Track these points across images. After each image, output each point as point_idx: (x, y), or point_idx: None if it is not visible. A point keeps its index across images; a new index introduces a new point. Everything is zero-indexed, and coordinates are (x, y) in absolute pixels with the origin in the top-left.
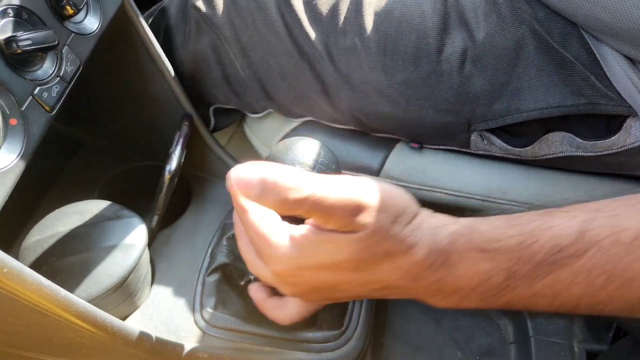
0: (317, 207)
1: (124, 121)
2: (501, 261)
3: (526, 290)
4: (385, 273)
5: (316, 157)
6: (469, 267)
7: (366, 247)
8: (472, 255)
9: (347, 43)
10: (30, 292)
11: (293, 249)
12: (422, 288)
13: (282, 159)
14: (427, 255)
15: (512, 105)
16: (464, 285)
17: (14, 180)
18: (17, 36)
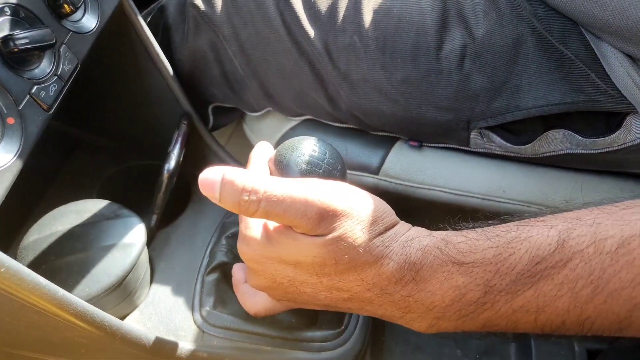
0: (271, 210)
1: (123, 120)
2: (477, 275)
3: (507, 305)
4: (350, 283)
5: (322, 157)
6: (442, 282)
7: (329, 252)
8: (445, 269)
9: (346, 41)
10: (28, 291)
11: (262, 236)
12: (391, 304)
13: (288, 159)
14: (396, 270)
15: (512, 102)
16: (437, 302)
17: (11, 179)
18: (15, 35)
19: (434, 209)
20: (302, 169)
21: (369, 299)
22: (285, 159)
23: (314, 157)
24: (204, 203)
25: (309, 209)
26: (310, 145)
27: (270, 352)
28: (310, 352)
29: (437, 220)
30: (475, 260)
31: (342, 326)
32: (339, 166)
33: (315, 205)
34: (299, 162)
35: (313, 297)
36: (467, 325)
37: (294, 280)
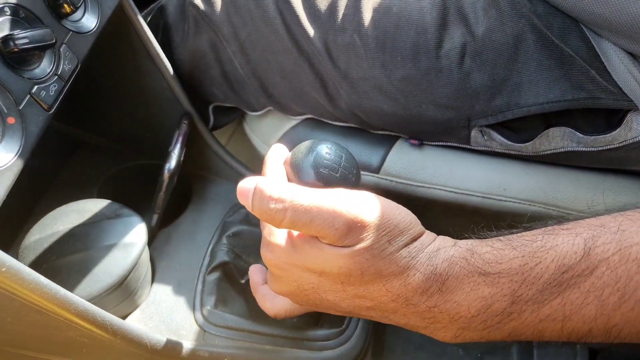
0: (298, 219)
1: (123, 120)
2: (504, 285)
3: (533, 315)
4: (375, 293)
5: (339, 161)
6: (469, 292)
7: (356, 263)
8: (471, 279)
9: (346, 40)
10: (29, 291)
11: (287, 244)
12: (415, 314)
13: (303, 162)
14: (422, 281)
15: (512, 100)
16: (463, 313)
17: (12, 178)
18: (15, 35)
19: (435, 208)
20: (318, 172)
21: (393, 309)
22: (300, 163)
23: (331, 161)
24: (205, 202)
25: (337, 220)
26: (326, 149)
27: (271, 351)
28: (311, 351)
29: (438, 219)
30: (502, 270)
31: (343, 325)
32: (354, 170)
33: (343, 217)
34: (316, 166)
35: (336, 304)
36: (492, 335)
37: (318, 288)
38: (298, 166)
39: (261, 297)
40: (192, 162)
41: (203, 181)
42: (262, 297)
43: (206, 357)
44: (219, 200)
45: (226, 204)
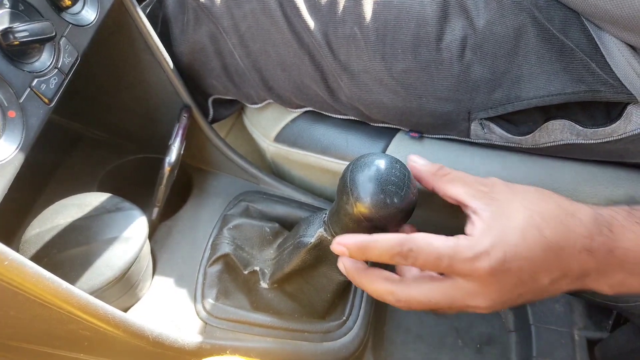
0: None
1: (123, 113)
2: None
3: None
4: (566, 246)
5: (405, 180)
6: (634, 239)
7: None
8: (635, 227)
9: (346, 32)
10: (32, 284)
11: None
12: (593, 268)
13: (374, 177)
14: (592, 219)
15: (513, 93)
16: (630, 259)
17: (13, 172)
18: (14, 28)
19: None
20: (385, 190)
21: (579, 263)
22: (370, 176)
23: (397, 178)
24: (205, 195)
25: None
26: (392, 166)
27: (272, 343)
28: (312, 343)
29: (438, 212)
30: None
31: (344, 317)
32: (415, 190)
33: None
34: (386, 183)
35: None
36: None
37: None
38: (365, 178)
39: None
40: (192, 155)
41: (203, 174)
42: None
43: (208, 349)
44: (219, 193)
45: (226, 197)
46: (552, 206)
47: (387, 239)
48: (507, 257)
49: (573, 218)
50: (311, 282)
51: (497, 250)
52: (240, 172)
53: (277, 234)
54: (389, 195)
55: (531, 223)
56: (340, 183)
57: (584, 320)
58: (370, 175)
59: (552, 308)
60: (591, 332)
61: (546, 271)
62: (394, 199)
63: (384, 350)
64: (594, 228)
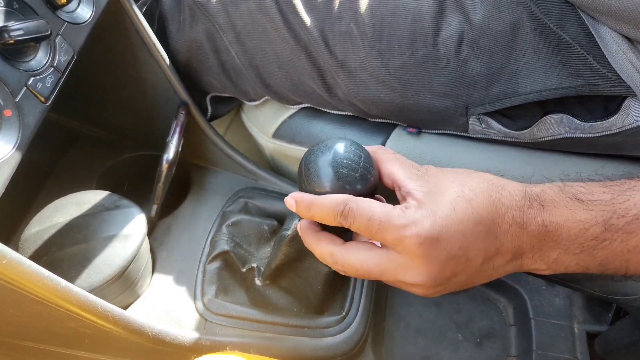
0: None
1: (120, 111)
2: (597, 213)
3: (623, 245)
4: (497, 219)
5: (358, 160)
6: (568, 215)
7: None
8: (567, 203)
9: (343, 28)
10: (30, 283)
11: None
12: (527, 243)
13: (326, 162)
14: (521, 192)
15: (510, 88)
16: (564, 235)
17: (10, 171)
18: (9, 26)
19: None
20: (338, 172)
21: (511, 237)
22: (318, 162)
23: (351, 160)
24: (204, 192)
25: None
26: (345, 148)
27: (272, 339)
28: (312, 339)
29: None
30: (594, 199)
31: (343, 312)
32: (372, 169)
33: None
34: (337, 166)
35: (475, 260)
36: (586, 261)
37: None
38: (315, 166)
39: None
40: (191, 152)
41: (202, 171)
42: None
43: (208, 345)
44: (218, 190)
45: (225, 193)
46: (481, 181)
47: (332, 197)
48: (435, 228)
49: (502, 190)
50: (302, 276)
51: (426, 220)
52: (238, 169)
53: (275, 231)
54: (342, 178)
55: (461, 196)
56: (298, 171)
57: (584, 314)
58: (324, 160)
59: (551, 302)
60: (591, 325)
61: (478, 247)
62: (349, 181)
63: (383, 345)
64: (524, 201)
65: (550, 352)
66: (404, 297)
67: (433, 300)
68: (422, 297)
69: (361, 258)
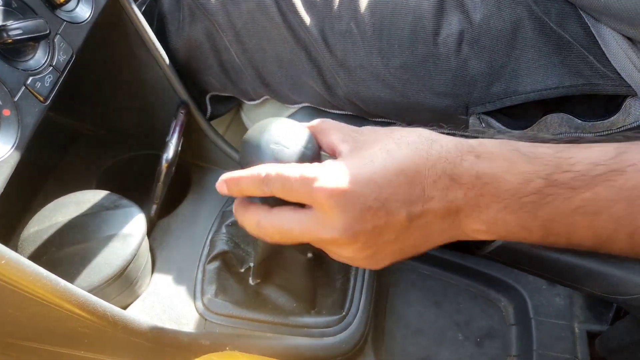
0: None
1: (120, 110)
2: (539, 165)
3: (566, 203)
4: (422, 170)
5: (292, 137)
6: (507, 167)
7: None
8: (508, 155)
9: (343, 27)
10: (29, 283)
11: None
12: (461, 198)
13: (258, 141)
14: (455, 145)
15: (510, 87)
16: (503, 189)
17: (9, 171)
18: (8, 26)
19: None
20: (268, 148)
21: (441, 190)
22: (254, 142)
23: (283, 138)
24: (204, 192)
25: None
26: (279, 126)
27: (272, 339)
28: (312, 338)
29: None
30: (537, 153)
31: (343, 312)
32: (309, 144)
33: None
34: (268, 144)
35: (398, 215)
36: (527, 221)
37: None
38: (252, 144)
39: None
40: (190, 151)
41: (201, 171)
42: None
43: (207, 345)
44: None
45: None
46: (410, 134)
47: (253, 168)
48: (345, 178)
49: (433, 143)
50: (287, 269)
51: (336, 171)
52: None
53: None
54: (274, 154)
55: (383, 148)
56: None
57: (584, 313)
58: (256, 138)
59: (552, 301)
60: (591, 324)
61: (398, 199)
62: (281, 156)
63: (383, 345)
64: (456, 152)
65: (550, 352)
66: (405, 297)
67: (433, 300)
68: (422, 297)
69: (284, 219)
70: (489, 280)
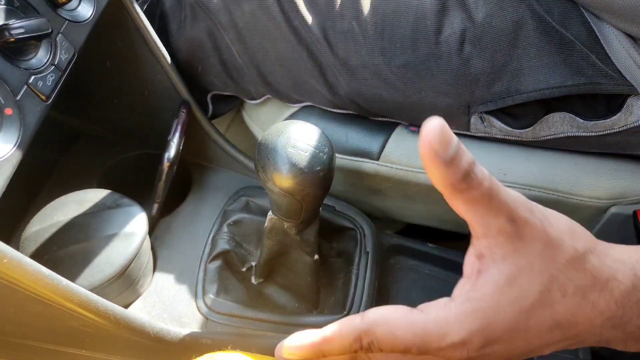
0: None
1: (121, 109)
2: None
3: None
4: (583, 322)
5: (309, 141)
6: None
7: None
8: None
9: (345, 26)
10: (31, 282)
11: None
12: (620, 338)
13: (275, 144)
14: (628, 290)
15: (512, 86)
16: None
17: (11, 170)
18: (10, 24)
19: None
20: (287, 152)
21: (599, 334)
22: (270, 144)
23: (300, 141)
24: (205, 191)
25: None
26: (296, 129)
27: (273, 338)
28: None
29: (437, 205)
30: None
31: (345, 311)
32: (325, 149)
33: None
34: (285, 147)
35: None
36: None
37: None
38: (268, 147)
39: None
40: (192, 150)
41: (203, 170)
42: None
43: (209, 344)
44: (219, 188)
45: (226, 192)
46: (580, 273)
47: (341, 335)
48: (489, 344)
49: (602, 294)
50: (292, 269)
51: (477, 339)
52: (239, 167)
53: None
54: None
55: (542, 301)
56: (254, 158)
57: None
58: (270, 145)
59: None
60: None
61: (548, 346)
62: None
63: None
64: (626, 301)
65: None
66: (406, 297)
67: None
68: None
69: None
70: None
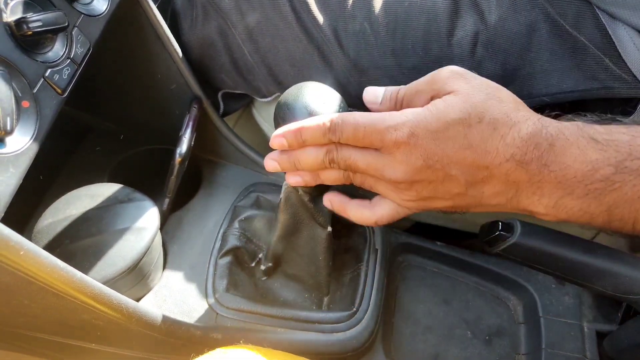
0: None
1: (134, 104)
2: (611, 153)
3: (633, 190)
4: (492, 151)
5: (325, 102)
6: (577, 156)
7: (473, 105)
8: (581, 142)
9: (356, 27)
10: (46, 274)
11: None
12: (525, 180)
13: (293, 104)
14: (533, 133)
15: (524, 90)
16: (570, 175)
17: (27, 162)
18: (28, 17)
19: None
20: (305, 113)
21: (506, 171)
22: (290, 106)
23: (317, 101)
24: (216, 187)
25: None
26: (312, 91)
27: (283, 333)
28: (322, 334)
29: None
30: (611, 139)
31: (354, 307)
32: (341, 110)
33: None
34: (303, 108)
35: (452, 184)
36: (592, 206)
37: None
38: (286, 106)
39: (356, 210)
40: (202, 146)
41: (213, 165)
42: (358, 209)
43: (219, 339)
44: (229, 184)
45: (236, 188)
46: (497, 110)
47: (317, 117)
48: (414, 136)
49: (511, 130)
50: (303, 253)
51: (406, 128)
52: (250, 164)
53: None
54: (310, 114)
55: (462, 120)
56: (274, 118)
57: (594, 313)
58: (289, 105)
59: (561, 300)
60: (600, 324)
61: (459, 164)
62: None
63: (392, 342)
64: (530, 141)
65: (559, 351)
66: (414, 294)
67: (442, 297)
68: (432, 295)
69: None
70: (498, 278)
